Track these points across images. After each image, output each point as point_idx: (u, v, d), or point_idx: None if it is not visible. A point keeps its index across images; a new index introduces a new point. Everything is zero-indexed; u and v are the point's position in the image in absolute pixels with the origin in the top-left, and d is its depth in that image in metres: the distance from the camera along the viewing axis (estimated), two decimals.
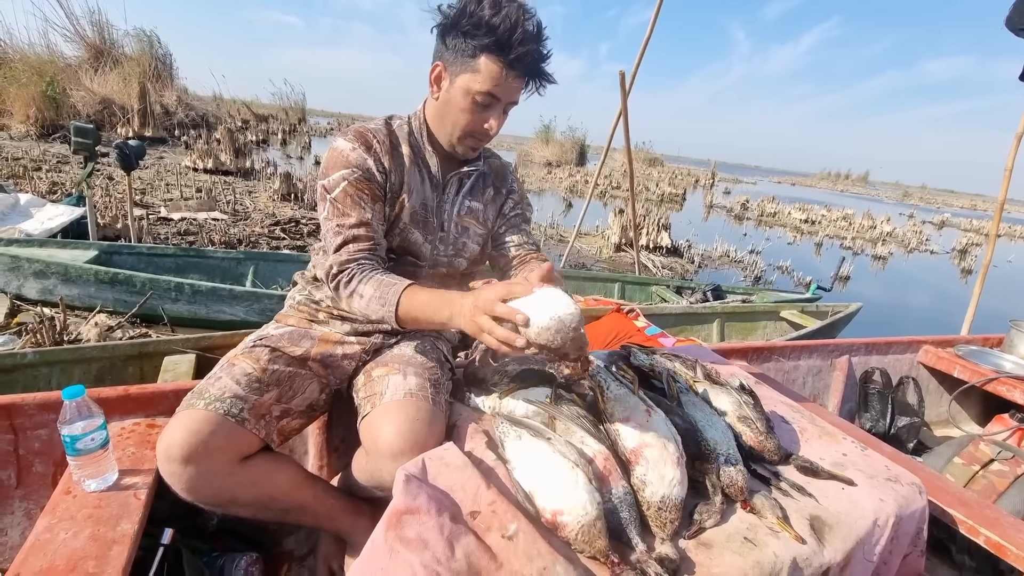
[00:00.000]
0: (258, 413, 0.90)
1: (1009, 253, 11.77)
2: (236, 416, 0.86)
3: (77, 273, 2.38)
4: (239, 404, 0.88)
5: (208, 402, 0.86)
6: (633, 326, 2.57)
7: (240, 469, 0.86)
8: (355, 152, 0.97)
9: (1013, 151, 2.52)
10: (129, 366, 1.74)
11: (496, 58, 0.91)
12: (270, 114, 17.24)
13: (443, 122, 1.02)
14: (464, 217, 1.13)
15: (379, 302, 0.93)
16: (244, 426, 0.87)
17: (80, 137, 2.51)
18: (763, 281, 6.27)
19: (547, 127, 21.33)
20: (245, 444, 0.87)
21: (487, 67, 0.92)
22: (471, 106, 0.96)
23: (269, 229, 4.85)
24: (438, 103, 1.01)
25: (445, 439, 0.94)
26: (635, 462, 0.85)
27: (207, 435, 0.82)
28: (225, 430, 0.84)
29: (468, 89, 0.94)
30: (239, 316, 2.50)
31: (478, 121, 0.98)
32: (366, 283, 0.95)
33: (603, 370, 1.05)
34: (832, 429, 1.22)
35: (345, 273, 0.97)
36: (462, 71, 0.94)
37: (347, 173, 0.96)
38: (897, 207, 25.15)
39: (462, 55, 0.93)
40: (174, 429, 0.82)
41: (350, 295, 0.96)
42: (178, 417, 0.84)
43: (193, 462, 0.81)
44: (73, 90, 9.85)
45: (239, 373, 0.92)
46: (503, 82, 0.93)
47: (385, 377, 0.99)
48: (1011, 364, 2.05)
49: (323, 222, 1.00)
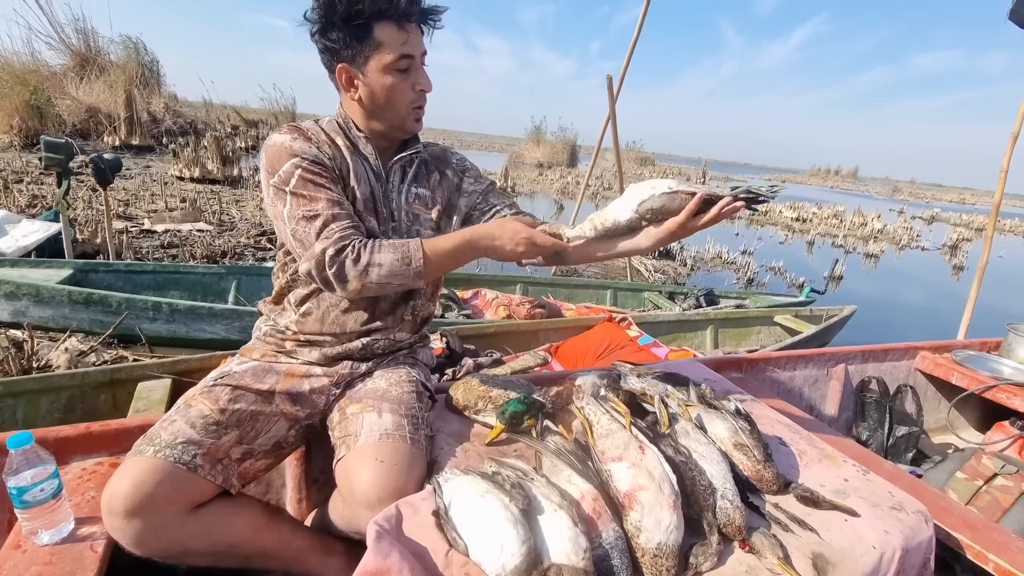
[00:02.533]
0: (214, 458, 0.84)
1: (1000, 248, 11.84)
2: (188, 463, 0.80)
3: (50, 294, 2.30)
4: (192, 450, 0.82)
5: (158, 449, 0.80)
6: (626, 336, 2.52)
7: (192, 519, 0.81)
8: (296, 142, 0.93)
9: (1008, 152, 2.49)
10: (101, 394, 1.66)
11: (387, 20, 0.90)
12: (260, 119, 17.10)
13: (378, 111, 0.97)
14: (413, 204, 1.07)
15: (403, 263, 0.89)
16: (197, 473, 0.81)
17: (52, 152, 2.43)
18: (756, 283, 6.24)
19: (538, 128, 21.34)
20: (197, 492, 0.81)
21: (385, 34, 0.90)
22: (396, 79, 0.94)
23: (255, 239, 4.76)
24: (363, 99, 0.96)
25: (427, 476, 0.90)
26: (629, 506, 0.79)
27: (153, 486, 0.76)
28: (174, 479, 0.78)
29: (383, 66, 0.92)
30: (220, 334, 2.42)
31: (410, 87, 0.96)
32: (379, 251, 0.89)
33: (592, 401, 1.00)
34: (832, 451, 1.17)
35: (348, 251, 0.88)
36: (368, 56, 0.91)
37: (297, 161, 0.91)
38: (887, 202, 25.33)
39: (357, 41, 0.90)
40: (119, 479, 0.77)
41: (364, 270, 0.88)
42: (125, 465, 0.79)
43: (138, 515, 0.75)
44: (58, 99, 9.70)
45: (195, 415, 0.86)
46: (407, 38, 0.92)
47: (359, 415, 0.93)
48: (1010, 369, 2.02)
49: (287, 220, 0.91)
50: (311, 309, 1.01)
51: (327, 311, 1.01)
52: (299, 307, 1.02)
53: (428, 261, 0.91)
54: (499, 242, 0.94)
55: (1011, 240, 14.89)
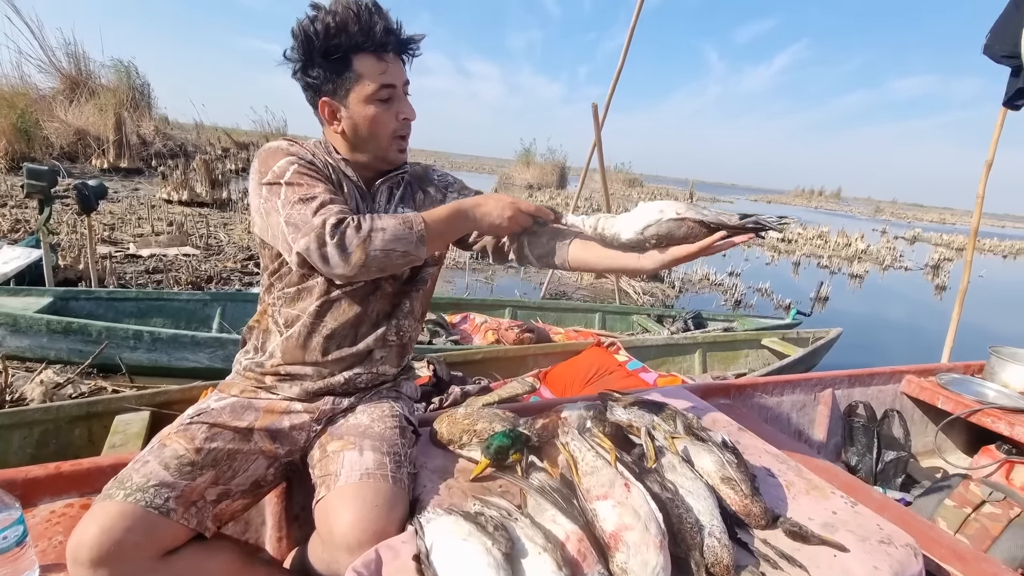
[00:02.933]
0: (188, 500, 0.81)
1: (980, 268, 12.07)
2: (160, 507, 0.77)
3: (27, 323, 2.25)
4: (164, 492, 0.79)
5: (128, 492, 0.77)
6: (614, 361, 2.52)
7: (163, 566, 0.78)
8: (292, 147, 0.94)
9: (983, 179, 2.55)
10: (76, 428, 1.62)
11: (366, 52, 0.91)
12: (251, 141, 17.14)
13: (362, 141, 0.98)
14: None
15: (404, 226, 0.88)
16: (169, 517, 0.78)
17: (34, 179, 2.40)
18: (744, 305, 6.29)
19: (527, 150, 21.58)
20: (169, 538, 0.78)
21: (366, 66, 0.91)
22: (378, 109, 0.94)
23: (242, 264, 4.73)
24: (347, 131, 0.97)
25: (409, 516, 0.87)
26: (615, 547, 0.78)
27: (122, 532, 0.73)
28: (145, 525, 0.75)
29: (365, 97, 0.93)
30: (203, 363, 2.38)
31: (392, 117, 0.97)
32: (378, 219, 0.87)
33: (577, 436, 0.98)
34: (819, 482, 1.16)
35: (349, 220, 0.85)
36: (348, 88, 0.92)
37: (292, 159, 0.91)
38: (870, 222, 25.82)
39: (337, 75, 0.92)
40: (86, 526, 0.73)
41: (368, 235, 0.84)
42: (92, 511, 0.76)
43: (105, 564, 0.72)
44: (46, 121, 9.67)
45: (169, 456, 0.84)
46: (387, 67, 0.93)
47: (340, 453, 0.91)
48: (993, 392, 2.03)
49: (280, 209, 0.87)
50: (295, 333, 0.99)
51: (310, 335, 0.99)
52: (285, 329, 1.00)
53: (428, 226, 0.90)
54: (486, 208, 0.96)
55: (990, 259, 15.21)
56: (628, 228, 0.98)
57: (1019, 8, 2.13)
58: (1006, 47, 2.19)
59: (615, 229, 1.00)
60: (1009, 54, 2.18)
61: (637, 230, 0.97)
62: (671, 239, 0.95)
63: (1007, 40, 2.18)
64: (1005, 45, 2.20)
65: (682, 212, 0.96)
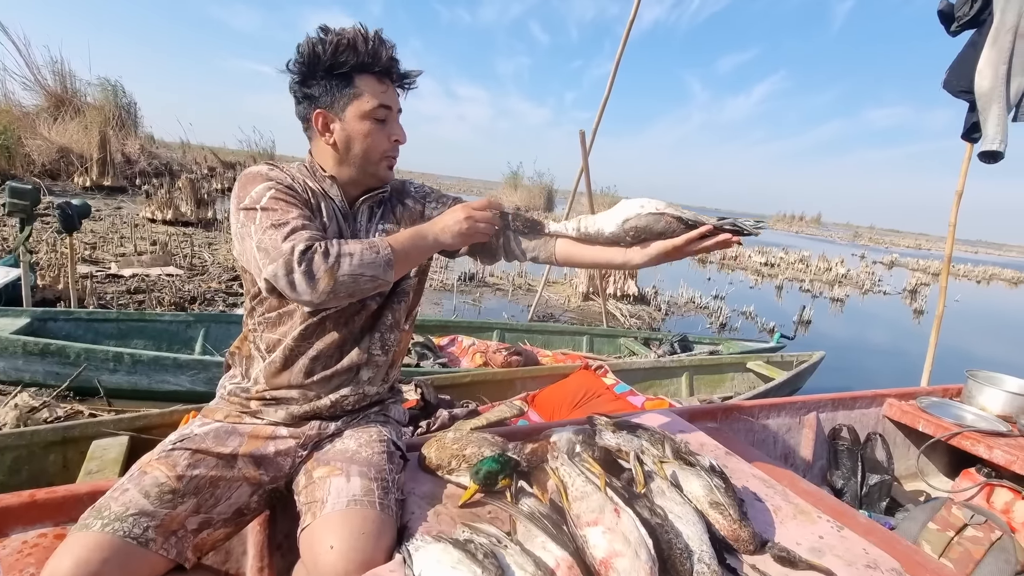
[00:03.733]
0: (168, 530, 0.79)
1: (956, 293, 12.40)
2: (139, 537, 0.75)
3: (3, 345, 2.18)
4: (144, 522, 0.77)
5: (106, 522, 0.75)
6: (602, 384, 2.52)
7: None
8: (272, 171, 0.96)
9: (955, 208, 2.65)
10: (51, 454, 1.56)
11: (369, 73, 0.95)
12: (238, 161, 17.10)
13: (351, 157, 0.99)
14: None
15: (371, 251, 0.89)
16: (148, 548, 0.76)
17: (16, 198, 2.36)
18: (728, 328, 6.37)
19: (515, 173, 21.85)
20: (147, 570, 0.76)
21: (367, 85, 0.95)
22: (372, 126, 0.97)
23: (227, 284, 4.67)
24: (338, 143, 0.98)
25: (397, 543, 0.86)
26: (605, 574, 0.77)
27: (98, 564, 0.71)
28: (122, 557, 0.73)
29: (362, 113, 0.96)
30: (184, 386, 2.33)
31: (385, 137, 1.00)
32: (345, 244, 0.88)
33: (567, 461, 0.98)
34: (806, 506, 1.17)
35: (317, 246, 0.84)
36: (347, 103, 0.95)
37: (270, 183, 0.92)
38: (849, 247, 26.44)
39: (338, 90, 0.95)
40: (60, 558, 0.71)
41: (336, 261, 0.84)
42: (68, 541, 0.73)
43: None
44: (29, 139, 9.57)
45: (149, 484, 0.81)
46: (386, 89, 0.98)
47: (326, 480, 0.90)
48: (972, 416, 2.08)
49: (256, 232, 0.86)
50: (277, 357, 0.98)
51: (295, 358, 0.99)
52: (267, 354, 0.99)
53: (394, 250, 0.91)
54: (443, 223, 0.99)
55: (965, 284, 15.63)
56: (610, 222, 1.03)
57: (975, 48, 2.26)
58: (963, 83, 2.31)
59: (598, 225, 1.04)
60: (965, 89, 2.30)
61: (618, 222, 1.01)
62: (649, 233, 1.00)
63: (963, 76, 2.30)
64: (962, 81, 2.32)
65: (661, 208, 1.00)
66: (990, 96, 2.21)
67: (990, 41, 2.18)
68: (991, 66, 2.18)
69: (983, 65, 2.20)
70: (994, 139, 2.24)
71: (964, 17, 2.30)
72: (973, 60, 2.26)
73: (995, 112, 2.21)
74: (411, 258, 0.97)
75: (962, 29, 2.35)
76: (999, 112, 2.21)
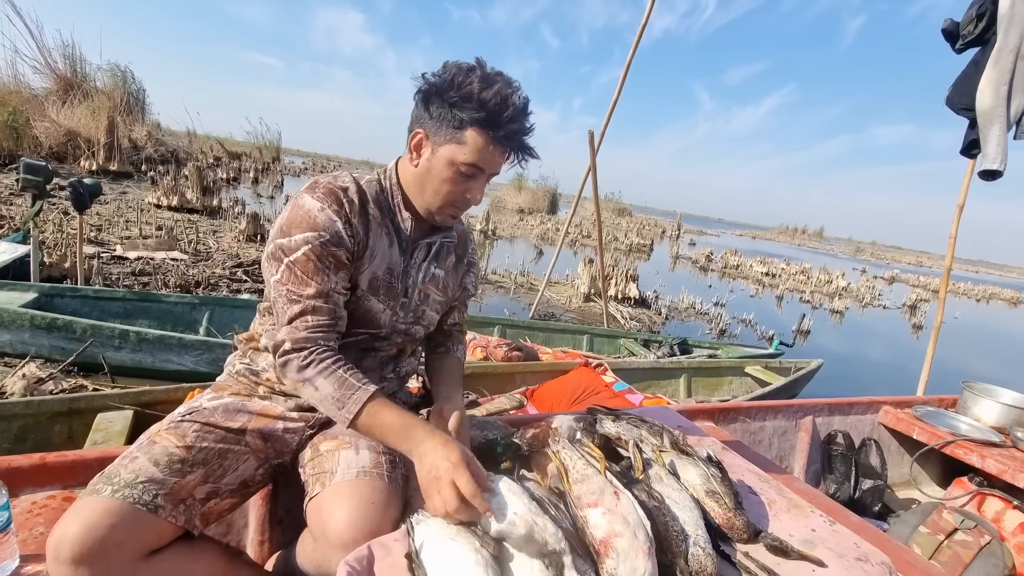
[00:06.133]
0: (177, 498, 0.80)
1: (955, 310, 12.42)
2: (148, 504, 0.76)
3: (10, 318, 2.21)
4: (153, 489, 0.78)
5: (116, 488, 0.75)
6: (601, 381, 2.54)
7: (145, 566, 0.75)
8: (323, 213, 0.88)
9: (956, 221, 2.68)
10: (56, 424, 1.58)
11: (484, 132, 0.88)
12: (244, 152, 17.16)
13: (423, 190, 0.96)
14: (427, 284, 1.06)
15: (336, 404, 0.85)
16: (157, 514, 0.76)
17: (30, 174, 2.39)
18: (728, 334, 6.39)
19: (520, 175, 21.90)
20: (155, 536, 0.77)
21: (474, 140, 0.89)
22: (455, 176, 0.92)
23: (231, 271, 4.69)
24: (418, 171, 0.95)
25: (401, 516, 0.88)
26: (604, 553, 0.79)
27: (106, 529, 0.71)
28: (131, 522, 0.74)
29: (453, 160, 0.90)
30: (188, 366, 2.35)
31: (461, 191, 0.94)
32: (325, 377, 0.86)
33: (568, 445, 1.01)
34: (800, 501, 1.19)
35: (301, 355, 0.86)
36: (446, 141, 0.90)
37: (312, 236, 0.87)
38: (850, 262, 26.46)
39: (447, 125, 0.89)
40: (69, 522, 0.71)
41: (303, 382, 0.86)
42: (77, 506, 0.73)
43: (86, 563, 0.69)
44: (37, 121, 9.60)
45: (159, 453, 0.83)
46: (490, 156, 0.91)
47: (335, 452, 0.91)
48: (966, 426, 2.10)
49: (274, 284, 0.89)
50: None
51: None
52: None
53: (357, 422, 0.86)
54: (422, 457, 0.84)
55: (965, 302, 15.66)
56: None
57: (977, 67, 2.29)
58: (964, 101, 2.34)
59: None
60: (967, 107, 2.33)
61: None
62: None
63: (965, 94, 2.33)
64: (963, 99, 2.35)
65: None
66: (991, 115, 2.23)
67: (992, 61, 2.20)
68: (992, 86, 2.20)
69: (984, 85, 2.23)
70: (994, 159, 2.26)
71: (969, 36, 2.32)
72: (975, 78, 2.28)
73: (995, 132, 2.24)
74: (370, 435, 0.89)
75: (967, 47, 2.38)
76: (999, 132, 2.24)
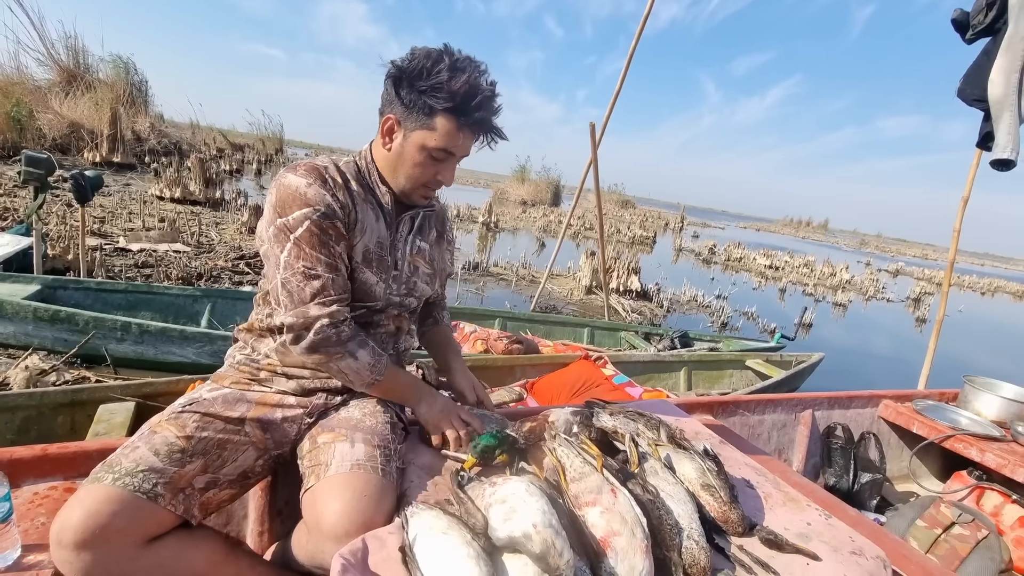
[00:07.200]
0: (176, 487, 0.81)
1: (959, 303, 12.35)
2: (148, 492, 0.77)
3: (13, 309, 2.22)
4: (153, 478, 0.79)
5: (117, 476, 0.77)
6: (601, 374, 2.55)
7: (146, 553, 0.77)
8: (311, 188, 0.92)
9: (960, 214, 2.66)
10: (59, 415, 1.60)
11: (454, 119, 0.92)
12: (246, 143, 17.15)
13: (396, 172, 1.01)
14: (415, 256, 1.11)
15: (370, 370, 0.98)
16: (157, 503, 0.78)
17: (32, 167, 2.39)
18: (729, 327, 6.38)
19: (523, 167, 21.83)
20: (154, 524, 0.78)
21: (444, 126, 0.93)
22: (426, 160, 0.97)
23: (233, 263, 4.70)
24: (390, 154, 1.00)
25: (396, 509, 0.88)
26: (602, 552, 0.80)
27: (108, 516, 0.72)
28: (132, 510, 0.75)
29: (423, 145, 0.95)
30: (190, 358, 2.36)
31: (432, 173, 1.00)
32: (362, 347, 0.97)
33: (565, 442, 1.01)
34: (796, 494, 1.20)
35: (339, 329, 0.94)
36: (417, 127, 0.94)
37: (309, 211, 0.91)
38: (855, 255, 26.33)
39: (418, 112, 0.93)
40: (71, 508, 0.73)
41: (340, 353, 0.95)
42: (79, 494, 0.75)
43: (89, 548, 0.71)
44: (40, 112, 9.61)
45: (159, 443, 0.84)
46: (460, 141, 0.96)
47: (331, 445, 0.92)
48: (966, 420, 2.09)
49: (281, 267, 0.92)
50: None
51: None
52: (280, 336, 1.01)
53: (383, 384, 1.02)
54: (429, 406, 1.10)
55: (969, 295, 15.57)
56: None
57: (989, 56, 2.26)
58: (976, 92, 2.31)
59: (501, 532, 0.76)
60: (979, 98, 2.30)
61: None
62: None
63: (977, 85, 2.30)
64: (975, 90, 2.32)
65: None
66: (1002, 104, 2.20)
67: (1003, 50, 2.17)
68: (1003, 74, 2.18)
69: (995, 74, 2.20)
70: (1005, 147, 2.24)
71: (979, 26, 2.29)
72: (987, 68, 2.25)
73: (1007, 121, 2.21)
74: (389, 394, 1.07)
75: (977, 37, 2.34)
76: (1011, 121, 2.21)
